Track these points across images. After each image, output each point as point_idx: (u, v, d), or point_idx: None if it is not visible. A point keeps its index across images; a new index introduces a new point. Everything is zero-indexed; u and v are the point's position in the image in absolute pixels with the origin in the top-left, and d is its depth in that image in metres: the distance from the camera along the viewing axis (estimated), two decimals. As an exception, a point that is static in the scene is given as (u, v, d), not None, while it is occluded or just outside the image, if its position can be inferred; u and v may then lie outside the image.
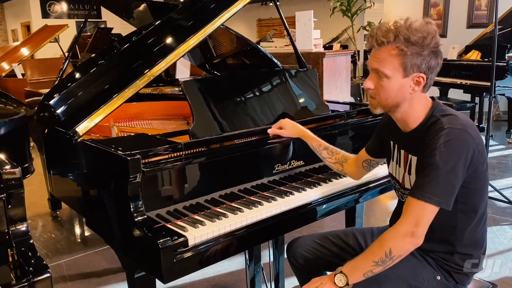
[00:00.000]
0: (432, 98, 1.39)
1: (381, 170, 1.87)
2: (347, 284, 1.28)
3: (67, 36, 7.49)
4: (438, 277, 1.38)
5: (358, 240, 1.62)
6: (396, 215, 1.43)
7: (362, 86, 1.45)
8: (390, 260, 1.26)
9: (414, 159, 1.36)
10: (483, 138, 3.29)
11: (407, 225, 1.26)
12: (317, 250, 1.62)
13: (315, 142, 1.73)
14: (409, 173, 1.39)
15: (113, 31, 7.45)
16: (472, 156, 1.26)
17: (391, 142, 1.51)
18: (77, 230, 3.47)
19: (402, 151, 1.44)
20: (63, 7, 13.03)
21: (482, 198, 1.36)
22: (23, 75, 5.29)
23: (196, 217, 1.48)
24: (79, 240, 3.29)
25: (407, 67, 1.27)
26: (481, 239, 1.40)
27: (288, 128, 1.74)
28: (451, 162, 1.23)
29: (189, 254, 1.33)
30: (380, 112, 1.39)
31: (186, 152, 1.52)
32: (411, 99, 1.33)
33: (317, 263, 1.62)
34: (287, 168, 1.77)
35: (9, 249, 1.36)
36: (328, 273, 1.39)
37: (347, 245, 1.61)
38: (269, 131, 1.75)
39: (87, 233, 3.37)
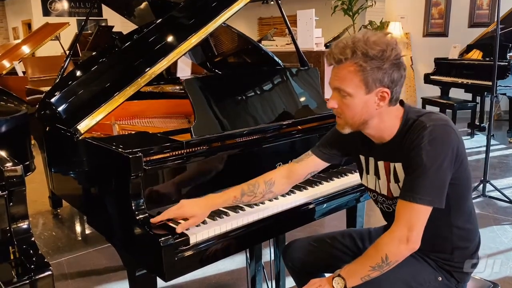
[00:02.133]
0: (401, 102, 1.34)
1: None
2: (345, 287, 1.28)
3: (68, 34, 7.49)
4: (440, 278, 1.38)
5: (355, 241, 1.60)
6: (388, 224, 1.42)
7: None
8: (386, 265, 1.25)
9: (398, 165, 1.32)
10: (485, 137, 3.27)
11: (401, 231, 1.23)
12: (314, 253, 1.60)
13: (229, 200, 1.46)
14: (396, 181, 1.35)
15: (114, 29, 7.43)
16: (457, 150, 1.25)
17: (362, 157, 1.46)
18: (78, 228, 3.47)
19: (381, 162, 1.38)
20: (64, 5, 13.01)
21: (468, 188, 1.36)
22: (24, 73, 5.30)
23: (197, 215, 1.48)
24: (80, 238, 3.29)
25: (368, 83, 1.22)
26: (474, 228, 1.40)
27: (194, 211, 1.39)
28: (439, 159, 1.21)
29: (190, 252, 1.33)
30: (349, 131, 1.33)
31: (188, 150, 1.52)
32: (379, 114, 1.29)
33: (315, 265, 1.60)
34: (288, 166, 1.77)
35: (10, 247, 1.36)
36: (327, 275, 1.39)
37: (345, 247, 1.59)
38: (177, 228, 1.36)
39: (88, 231, 3.37)
